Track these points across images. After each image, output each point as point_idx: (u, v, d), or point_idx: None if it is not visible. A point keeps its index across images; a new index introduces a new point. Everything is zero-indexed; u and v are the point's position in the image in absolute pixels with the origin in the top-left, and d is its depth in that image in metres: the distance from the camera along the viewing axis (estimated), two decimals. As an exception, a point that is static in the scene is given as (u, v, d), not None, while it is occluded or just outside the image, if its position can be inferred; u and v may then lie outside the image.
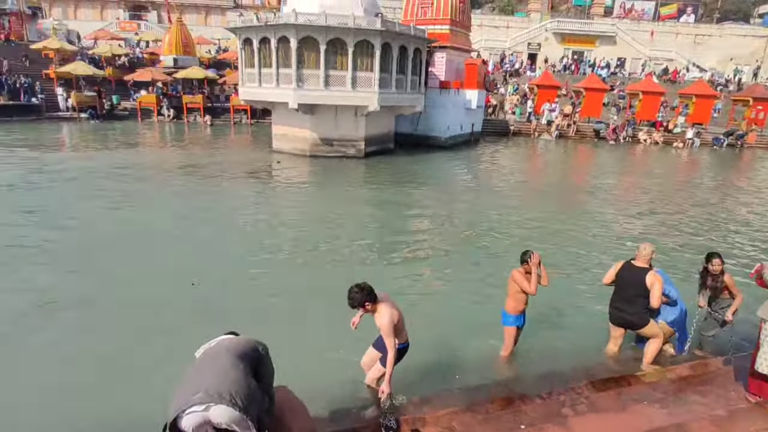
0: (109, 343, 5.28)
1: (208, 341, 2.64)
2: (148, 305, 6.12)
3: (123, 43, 36.87)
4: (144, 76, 28.84)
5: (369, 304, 3.64)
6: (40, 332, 5.53)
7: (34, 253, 7.84)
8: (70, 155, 17.34)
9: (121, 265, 7.50)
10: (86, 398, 4.34)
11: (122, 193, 12.02)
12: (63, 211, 10.28)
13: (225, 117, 28.99)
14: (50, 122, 25.49)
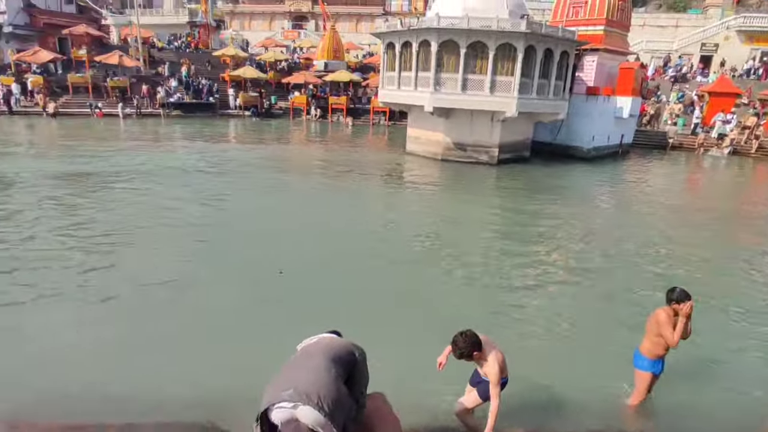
0: (227, 317, 5.80)
1: (310, 336, 2.67)
2: (264, 288, 6.60)
3: (284, 49, 40.96)
4: (298, 78, 31.78)
5: (476, 353, 3.43)
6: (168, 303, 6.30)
7: (185, 225, 9.04)
8: (232, 146, 19.79)
9: (249, 244, 8.24)
10: (194, 363, 4.80)
11: (268, 181, 13.38)
12: (217, 192, 11.75)
13: (365, 118, 30.49)
14: (221, 118, 29.50)
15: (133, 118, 28.00)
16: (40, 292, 6.29)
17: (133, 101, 29.07)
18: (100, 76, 30.56)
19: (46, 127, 24.22)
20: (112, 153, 16.93)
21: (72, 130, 23.28)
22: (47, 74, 30.59)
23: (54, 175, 13.37)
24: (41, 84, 29.04)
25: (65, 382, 4.40)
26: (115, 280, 6.74)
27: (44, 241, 8.17)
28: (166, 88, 30.27)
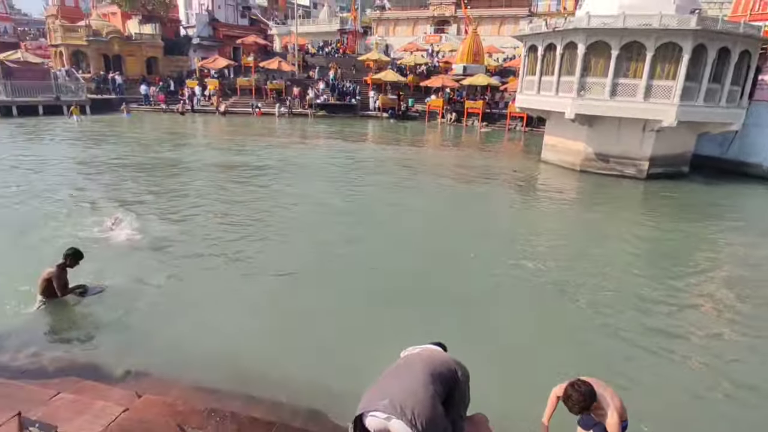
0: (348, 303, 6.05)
1: (414, 345, 2.65)
2: (379, 279, 6.75)
3: (424, 53, 41.69)
4: (436, 82, 32.13)
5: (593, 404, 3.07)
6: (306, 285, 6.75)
7: (319, 216, 9.68)
8: (368, 145, 20.79)
9: (372, 237, 8.51)
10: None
11: (398, 180, 13.75)
12: (352, 186, 12.42)
13: (500, 123, 29.61)
14: (361, 119, 31.20)
15: (286, 117, 31.01)
16: (199, 264, 7.30)
17: (287, 102, 32.19)
18: (261, 80, 34.48)
19: (216, 124, 28.10)
20: (265, 147, 18.99)
21: (236, 126, 26.64)
22: (222, 78, 35.41)
23: (218, 164, 15.47)
24: (217, 87, 33.72)
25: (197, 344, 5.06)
26: (256, 263, 7.50)
27: (203, 219, 9.47)
28: (315, 90, 32.93)
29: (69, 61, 33.54)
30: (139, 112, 31.06)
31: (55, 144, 19.29)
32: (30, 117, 27.32)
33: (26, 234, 8.37)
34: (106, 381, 4.22)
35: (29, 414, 3.44)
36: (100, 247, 7.77)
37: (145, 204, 10.66)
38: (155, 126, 26.11)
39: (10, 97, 27.85)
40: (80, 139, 20.43)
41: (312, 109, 31.98)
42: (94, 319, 5.67)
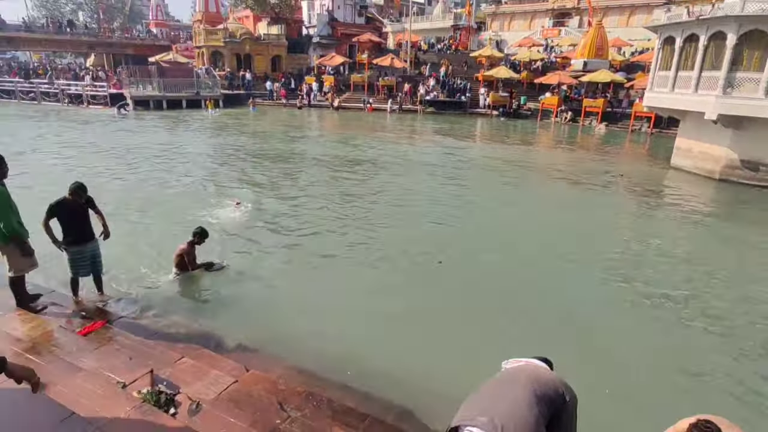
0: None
1: (517, 357, 2.48)
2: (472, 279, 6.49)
3: (540, 49, 39.54)
4: (551, 79, 30.27)
5: None
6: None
7: (420, 211, 9.64)
8: (476, 143, 20.31)
9: (475, 237, 8.23)
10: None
11: (503, 180, 13.21)
12: (454, 184, 12.18)
13: (623, 123, 27.04)
14: (470, 116, 30.61)
15: (395, 113, 31.51)
16: (313, 252, 7.71)
17: (397, 98, 32.68)
18: (374, 76, 35.42)
19: (330, 118, 29.49)
20: (375, 142, 19.48)
21: (348, 121, 27.72)
22: (337, 75, 37.04)
23: (330, 156, 16.21)
24: (332, 83, 35.36)
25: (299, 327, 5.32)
26: (365, 255, 7.71)
27: (316, 208, 9.97)
28: (425, 87, 32.97)
29: (208, 60, 37.47)
30: (263, 107, 33.74)
31: (191, 132, 21.73)
32: (175, 110, 31.14)
33: (164, 212, 9.53)
34: (220, 351, 4.61)
35: (159, 372, 3.88)
36: (223, 228, 8.56)
37: (263, 190, 11.54)
38: (275, 119, 28.17)
39: (162, 92, 31.97)
40: (212, 129, 22.78)
41: (422, 105, 32.09)
42: (215, 293, 6.26)
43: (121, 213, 9.10)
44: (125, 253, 7.15)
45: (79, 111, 30.86)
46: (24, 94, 36.34)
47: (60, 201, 5.07)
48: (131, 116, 28.49)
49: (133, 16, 65.51)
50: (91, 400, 3.38)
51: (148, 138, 19.81)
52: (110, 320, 4.93)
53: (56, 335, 4.43)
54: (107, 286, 5.89)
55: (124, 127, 23.40)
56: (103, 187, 10.85)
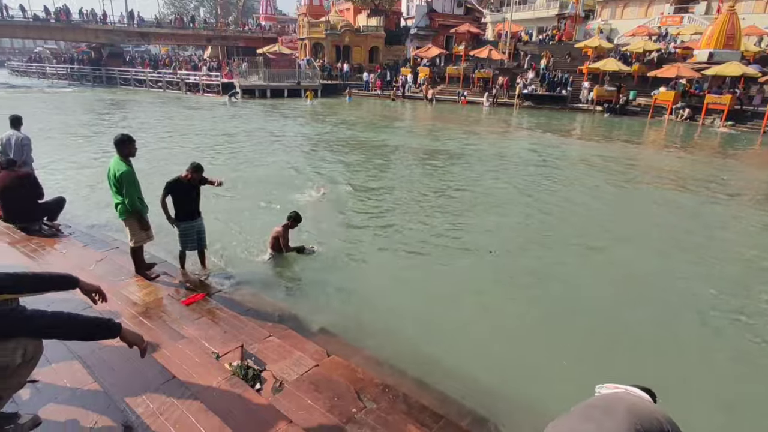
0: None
1: (615, 384, 2.24)
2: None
3: (657, 38, 35.88)
4: (668, 72, 27.28)
5: None
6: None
7: (509, 210, 9.25)
8: (574, 141, 19.06)
9: (567, 243, 7.71)
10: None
11: (601, 183, 12.21)
12: (546, 184, 11.51)
13: (753, 123, 23.71)
14: (570, 111, 28.75)
15: (490, 106, 30.57)
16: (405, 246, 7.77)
17: (492, 91, 31.65)
18: (470, 68, 34.57)
19: (423, 110, 29.40)
20: (467, 135, 19.10)
21: (441, 113, 27.46)
22: (432, 67, 36.71)
23: (420, 148, 16.17)
24: (427, 74, 35.13)
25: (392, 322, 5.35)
26: (452, 250, 7.59)
27: (404, 199, 10.00)
28: (523, 80, 31.53)
29: (310, 52, 39.10)
30: (358, 97, 34.53)
31: (289, 120, 22.88)
32: (278, 98, 33.02)
33: (259, 193, 10.16)
34: (304, 333, 4.79)
35: (249, 348, 4.12)
36: (313, 213, 8.92)
37: (352, 178, 11.82)
38: (369, 109, 28.71)
39: (266, 82, 34.05)
40: (308, 117, 23.81)
41: (518, 99, 30.79)
42: (304, 275, 6.54)
43: (221, 193, 9.86)
44: (225, 232, 7.74)
45: (196, 98, 33.93)
46: (153, 83, 40.74)
47: (176, 179, 5.58)
48: (239, 104, 30.73)
49: (245, 10, 70.35)
50: (189, 366, 3.67)
51: (251, 124, 21.25)
52: (210, 293, 5.33)
53: (165, 302, 4.89)
54: (209, 261, 6.40)
55: (232, 113, 25.32)
56: (207, 168, 11.81)
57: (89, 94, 36.72)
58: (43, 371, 3.41)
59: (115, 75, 44.43)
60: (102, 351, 3.73)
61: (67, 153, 14.38)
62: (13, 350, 2.31)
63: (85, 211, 8.91)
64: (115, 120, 22.15)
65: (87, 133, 18.27)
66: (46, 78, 52.66)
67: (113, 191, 5.11)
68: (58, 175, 11.47)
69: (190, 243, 5.93)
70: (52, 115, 23.73)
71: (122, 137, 5.01)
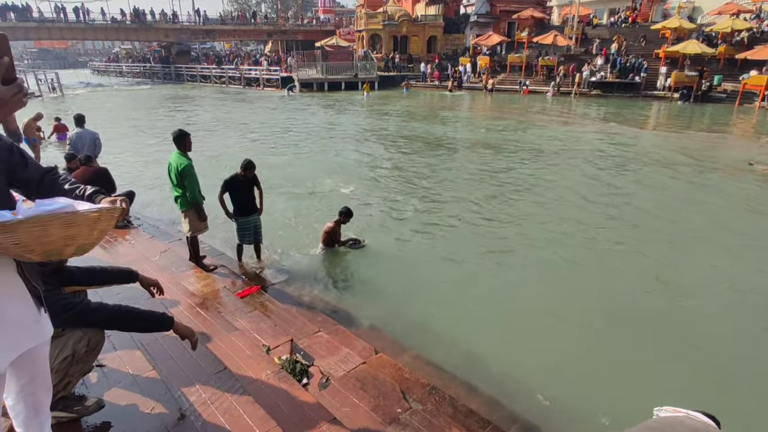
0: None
1: (674, 407, 2.09)
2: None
3: (748, 16, 32.69)
4: (762, 53, 24.84)
5: None
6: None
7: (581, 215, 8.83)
8: (648, 133, 17.86)
9: (644, 255, 7.23)
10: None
11: (680, 182, 11.33)
12: (616, 182, 10.86)
13: None
14: (642, 100, 27.00)
15: (554, 96, 29.34)
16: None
17: (556, 79, 30.33)
18: (533, 56, 33.33)
19: (482, 101, 28.79)
20: (527, 127, 18.48)
21: (501, 104, 26.76)
22: (493, 55, 35.76)
23: (477, 141, 15.84)
24: (487, 63, 34.28)
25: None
26: (509, 250, 7.41)
27: (458, 196, 9.87)
28: (591, 67, 29.94)
29: (367, 43, 39.35)
30: (416, 88, 34.37)
31: (346, 114, 23.20)
32: (335, 91, 33.59)
33: (315, 187, 10.39)
34: (353, 329, 4.85)
35: (298, 342, 4.24)
36: (364, 206, 9.01)
37: (405, 171, 11.80)
38: (426, 102, 28.51)
39: (324, 75, 34.72)
40: (364, 110, 23.99)
41: (584, 87, 29.30)
42: (355, 271, 6.63)
43: (276, 187, 10.20)
44: (280, 226, 8.00)
45: (256, 93, 35.26)
46: (216, 78, 42.79)
47: (233, 176, 5.86)
48: (297, 97, 31.58)
49: (305, 4, 71.95)
50: (240, 358, 3.84)
51: (308, 117, 21.76)
52: (264, 286, 5.54)
53: (221, 294, 5.14)
54: (264, 255, 6.65)
55: (291, 107, 26.05)
56: (263, 161, 12.26)
57: (159, 90, 39.24)
58: (109, 356, 3.71)
59: (183, 72, 47.19)
60: (163, 340, 3.99)
61: (136, 146, 15.48)
62: (79, 339, 2.53)
63: (153, 203, 9.56)
64: (182, 115, 23.51)
65: (154, 128, 19.54)
66: (122, 76, 56.90)
67: (174, 184, 5.44)
68: (127, 168, 12.38)
69: (247, 237, 6.20)
70: (124, 110, 25.62)
71: (180, 133, 5.31)
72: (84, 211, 1.70)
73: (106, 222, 1.77)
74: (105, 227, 1.78)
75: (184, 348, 3.81)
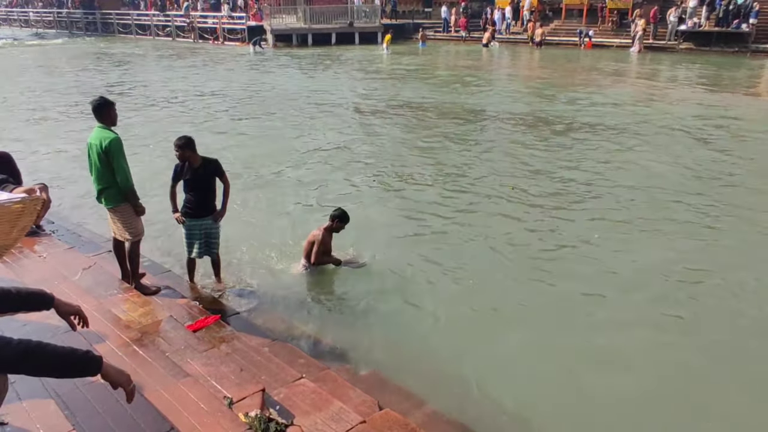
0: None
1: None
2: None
3: None
4: None
5: None
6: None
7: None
8: (755, 102, 17.81)
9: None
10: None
11: None
12: (709, 171, 10.82)
13: None
14: (753, 56, 26.86)
15: (633, 51, 29.26)
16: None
17: (632, 27, 30.27)
18: (599, -4, 33.36)
19: (527, 59, 28.86)
20: (591, 94, 18.51)
21: (554, 63, 26.86)
22: (542, -5, 35.84)
23: (520, 114, 15.88)
24: (535, 6, 34.24)
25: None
26: (553, 267, 7.40)
27: (490, 190, 9.89)
28: (680, 11, 29.76)
29: (368, -21, 39.52)
30: (434, 42, 34.45)
31: (340, 76, 23.26)
32: (323, 46, 33.79)
33: (296, 185, 10.46)
34: (348, 376, 4.89)
35: (272, 393, 4.28)
36: (364, 211, 9.05)
37: (420, 162, 11.84)
38: (450, 60, 28.61)
39: (307, 23, 34.89)
40: (369, 70, 24.08)
41: (671, 39, 29.25)
42: (350, 297, 6.66)
43: (239, 177, 10.26)
44: (249, 233, 8.05)
45: (214, 49, 35.48)
46: (159, 29, 43.06)
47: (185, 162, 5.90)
48: (270, 54, 31.72)
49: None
50: (193, 414, 3.88)
51: (281, 83, 21.86)
52: (225, 316, 5.59)
53: (165, 326, 5.19)
54: (225, 273, 6.70)
55: (261, 68, 26.20)
56: (218, 143, 12.36)
57: (77, 46, 39.57)
58: (13, 410, 3.75)
59: (112, 20, 47.54)
60: (86, 388, 4.04)
61: (40, 125, 15.64)
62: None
63: (72, 203, 9.62)
64: (110, 81, 23.70)
65: (66, 100, 19.65)
66: (29, 26, 57.33)
67: (96, 173, 5.49)
68: (39, 156, 12.49)
69: (196, 248, 6.21)
70: (26, 74, 25.87)
71: (101, 101, 5.40)
72: (2, 201, 1.70)
73: (28, 217, 1.78)
74: (26, 224, 1.80)
75: (117, 400, 3.85)
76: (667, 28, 29.40)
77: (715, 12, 29.07)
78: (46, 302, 2.89)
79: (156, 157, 11.67)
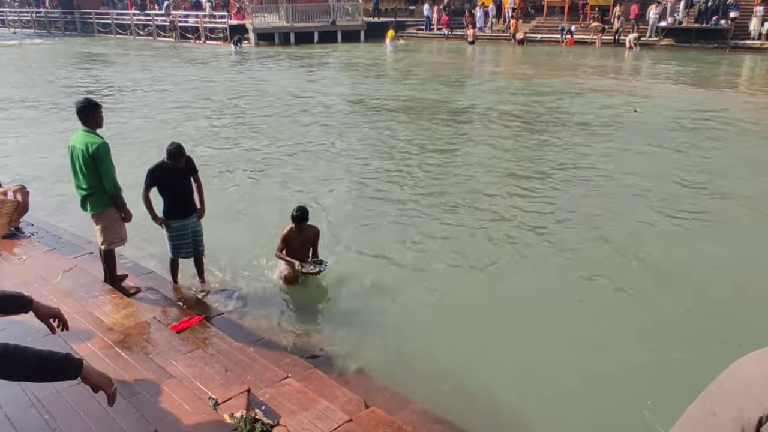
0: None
1: None
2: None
3: None
4: None
5: None
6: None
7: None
8: (736, 99, 18.03)
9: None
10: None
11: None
12: (696, 167, 10.93)
13: None
14: (731, 53, 27.25)
15: (613, 47, 29.63)
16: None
17: (612, 24, 30.53)
18: (583, -6, 33.60)
19: (510, 56, 28.95)
20: (573, 93, 18.58)
21: (535, 59, 26.97)
22: (524, -8, 36.05)
23: (503, 111, 15.94)
24: (517, 4, 34.39)
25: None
26: (543, 268, 7.45)
27: (476, 189, 9.92)
28: (659, 8, 30.01)
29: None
30: (416, 39, 34.52)
31: (321, 74, 23.21)
32: (305, 45, 33.70)
33: (282, 184, 10.41)
34: (335, 375, 4.87)
35: (258, 393, 4.25)
36: (348, 209, 9.03)
37: (406, 161, 11.84)
38: (432, 59, 28.54)
39: (290, 22, 34.80)
40: (355, 70, 24.02)
41: (651, 35, 29.55)
42: (336, 296, 6.63)
43: (227, 183, 10.19)
44: (232, 233, 7.99)
45: (196, 48, 35.22)
46: (140, 28, 42.66)
47: (160, 164, 5.80)
48: (251, 54, 31.55)
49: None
50: (177, 416, 3.83)
51: (264, 82, 21.75)
52: (209, 316, 5.55)
53: (149, 328, 5.13)
54: (209, 273, 6.64)
55: (243, 67, 26.04)
56: (204, 148, 12.25)
57: (56, 46, 39.06)
58: (-9, 416, 3.69)
59: (92, 20, 46.99)
60: (67, 393, 3.96)
61: (17, 127, 15.40)
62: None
63: (53, 204, 9.49)
64: (82, 81, 23.43)
65: (44, 102, 19.39)
66: (5, 26, 56.50)
67: (79, 178, 5.38)
68: (17, 159, 12.30)
69: (185, 248, 6.15)
70: (11, 76, 25.47)
71: (87, 103, 5.31)
72: None
73: (1, 219, 1.75)
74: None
75: (99, 403, 3.80)
76: (648, 25, 29.70)
77: (694, 7, 29.45)
78: (24, 305, 2.84)
79: (136, 158, 11.56)
